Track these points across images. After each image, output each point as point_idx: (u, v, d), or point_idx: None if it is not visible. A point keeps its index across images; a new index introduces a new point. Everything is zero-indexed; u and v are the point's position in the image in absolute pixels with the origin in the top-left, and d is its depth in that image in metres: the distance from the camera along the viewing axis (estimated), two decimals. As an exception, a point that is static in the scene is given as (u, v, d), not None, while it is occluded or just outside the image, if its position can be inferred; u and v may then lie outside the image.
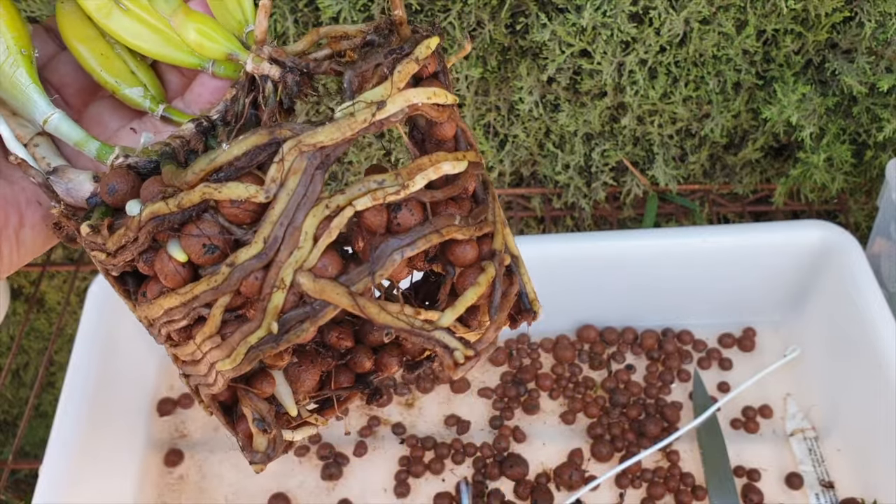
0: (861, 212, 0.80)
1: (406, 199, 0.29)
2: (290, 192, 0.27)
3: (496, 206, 0.32)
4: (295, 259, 0.27)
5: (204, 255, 0.28)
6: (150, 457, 0.68)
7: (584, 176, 0.79)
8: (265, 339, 0.28)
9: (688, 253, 0.68)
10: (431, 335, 0.29)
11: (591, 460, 0.67)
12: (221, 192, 0.27)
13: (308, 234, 0.27)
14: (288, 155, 0.28)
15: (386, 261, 0.28)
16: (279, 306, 0.27)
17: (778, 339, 0.74)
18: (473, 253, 0.31)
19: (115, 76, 0.34)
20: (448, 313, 0.29)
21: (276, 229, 0.27)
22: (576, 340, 0.74)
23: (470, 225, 0.30)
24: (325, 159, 0.28)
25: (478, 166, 0.32)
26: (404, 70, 0.29)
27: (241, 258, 0.27)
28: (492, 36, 0.67)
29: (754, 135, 0.75)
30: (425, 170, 0.29)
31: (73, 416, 0.61)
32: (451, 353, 0.29)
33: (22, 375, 0.96)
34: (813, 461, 0.66)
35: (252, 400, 0.30)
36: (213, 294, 0.28)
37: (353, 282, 0.28)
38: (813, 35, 0.66)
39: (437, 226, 0.29)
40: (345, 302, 0.27)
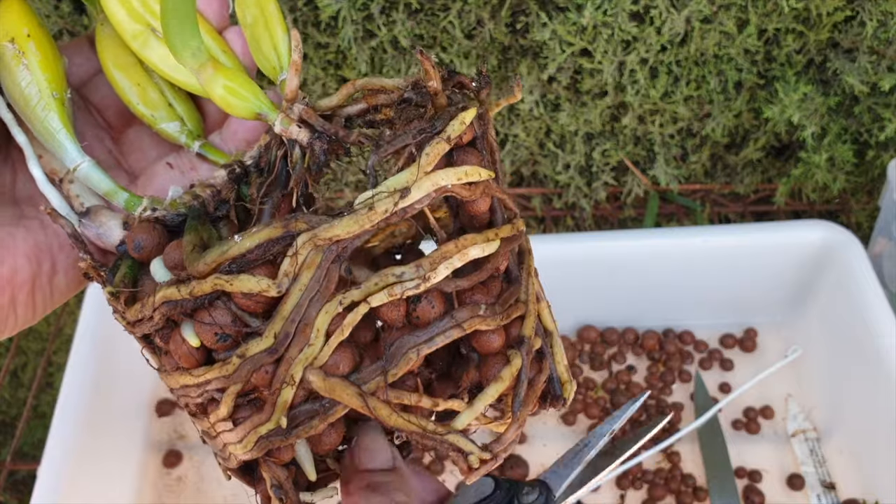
0: (862, 212, 0.80)
1: (426, 292, 0.27)
2: (303, 287, 0.26)
3: (531, 282, 0.30)
4: (305, 356, 0.26)
5: (216, 342, 0.27)
6: (148, 458, 0.68)
7: (584, 176, 0.79)
8: (274, 432, 0.27)
9: (689, 253, 0.68)
10: (445, 439, 0.28)
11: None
12: (233, 285, 0.27)
13: (320, 330, 0.26)
14: (302, 249, 0.27)
15: (400, 359, 0.27)
16: (288, 401, 0.27)
17: (779, 339, 0.73)
18: (499, 342, 0.29)
19: (152, 109, 0.33)
20: (465, 415, 0.28)
21: (286, 325, 0.26)
22: (576, 341, 0.73)
23: (497, 314, 0.28)
24: (342, 252, 0.27)
25: (513, 240, 0.29)
26: (433, 152, 0.27)
27: (251, 351, 0.27)
28: (492, 35, 0.67)
29: (756, 134, 0.75)
30: (450, 258, 0.27)
31: (72, 416, 0.60)
32: (466, 457, 0.28)
33: (20, 376, 0.96)
34: (814, 462, 0.66)
35: (270, 467, 0.29)
36: (224, 382, 0.27)
37: (365, 381, 0.27)
38: (814, 34, 0.66)
39: (459, 319, 0.28)
40: (355, 402, 0.26)
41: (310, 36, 0.68)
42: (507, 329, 0.29)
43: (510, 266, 0.30)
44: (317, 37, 0.68)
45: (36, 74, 0.30)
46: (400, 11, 0.65)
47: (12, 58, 0.30)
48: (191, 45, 0.29)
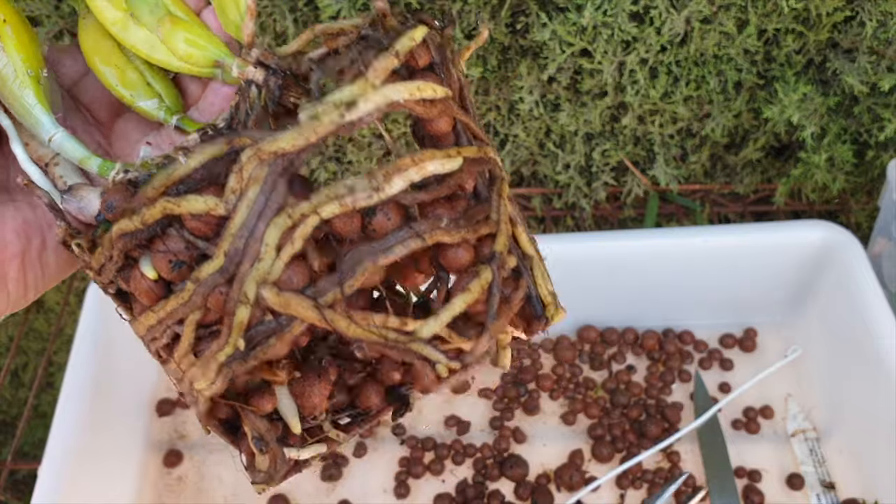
0: (862, 212, 0.80)
1: (382, 203, 0.26)
2: (250, 202, 0.26)
3: (503, 204, 0.29)
4: (257, 272, 0.26)
5: (172, 271, 0.27)
6: (149, 457, 0.68)
7: (584, 176, 0.79)
8: (234, 356, 0.26)
9: (689, 253, 0.68)
10: (408, 347, 0.26)
11: (592, 461, 0.67)
12: (180, 206, 0.27)
13: (270, 245, 0.26)
14: (247, 164, 0.26)
15: (356, 269, 0.26)
16: (244, 322, 0.26)
17: (779, 339, 0.74)
18: (467, 257, 0.28)
19: (130, 89, 0.34)
20: (430, 323, 0.27)
21: (236, 242, 0.26)
22: (576, 341, 0.74)
23: (461, 227, 0.27)
24: (288, 166, 0.26)
25: (480, 162, 0.29)
26: (380, 66, 0.27)
27: (204, 273, 0.26)
28: (492, 35, 0.67)
29: (755, 134, 0.75)
30: (405, 171, 0.27)
31: (72, 416, 0.60)
32: (433, 366, 0.27)
33: (21, 376, 0.96)
34: (814, 462, 0.66)
35: (250, 417, 0.29)
36: (183, 311, 0.27)
37: (321, 294, 0.26)
38: (814, 34, 0.66)
39: (419, 230, 0.27)
40: (311, 315, 0.26)
41: (310, 36, 0.68)
42: (477, 249, 0.28)
43: (478, 187, 0.29)
44: (317, 37, 0.68)
45: (12, 55, 0.32)
46: (400, 12, 0.65)
47: None
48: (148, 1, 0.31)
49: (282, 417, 0.30)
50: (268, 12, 0.66)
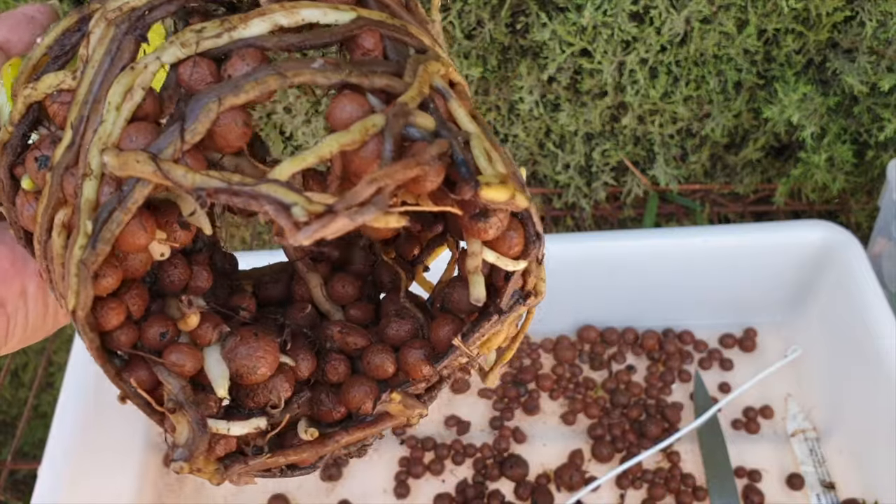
0: (862, 212, 0.80)
1: (237, 47, 0.22)
2: (95, 65, 0.23)
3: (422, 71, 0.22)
4: (99, 136, 0.22)
5: (39, 170, 0.24)
6: (149, 457, 0.68)
7: (584, 176, 0.79)
8: (88, 247, 0.22)
9: (688, 253, 0.68)
10: (257, 190, 0.20)
11: (592, 461, 0.67)
12: (37, 89, 0.24)
13: (112, 103, 0.22)
14: (94, 28, 0.23)
15: (199, 112, 0.21)
16: (92, 199, 0.22)
17: (779, 339, 0.74)
18: (354, 108, 0.21)
19: None
20: (284, 165, 0.20)
21: (83, 110, 0.22)
22: (576, 341, 0.74)
23: (342, 68, 0.21)
24: (137, 23, 0.23)
25: (388, 27, 0.23)
26: None
27: (57, 156, 0.23)
28: (492, 35, 0.67)
29: (755, 134, 0.75)
30: (269, 14, 0.22)
31: (72, 416, 0.60)
32: (287, 209, 0.19)
33: (21, 376, 0.96)
34: (814, 462, 0.66)
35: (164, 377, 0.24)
36: (50, 214, 0.23)
37: (162, 148, 0.21)
38: (814, 34, 0.66)
39: (281, 67, 0.21)
40: (146, 170, 0.21)
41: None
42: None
43: (388, 51, 0.23)
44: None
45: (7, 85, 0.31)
46: (400, 12, 0.65)
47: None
48: None
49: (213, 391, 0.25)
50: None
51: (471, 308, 0.26)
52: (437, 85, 0.23)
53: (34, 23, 0.30)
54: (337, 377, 0.26)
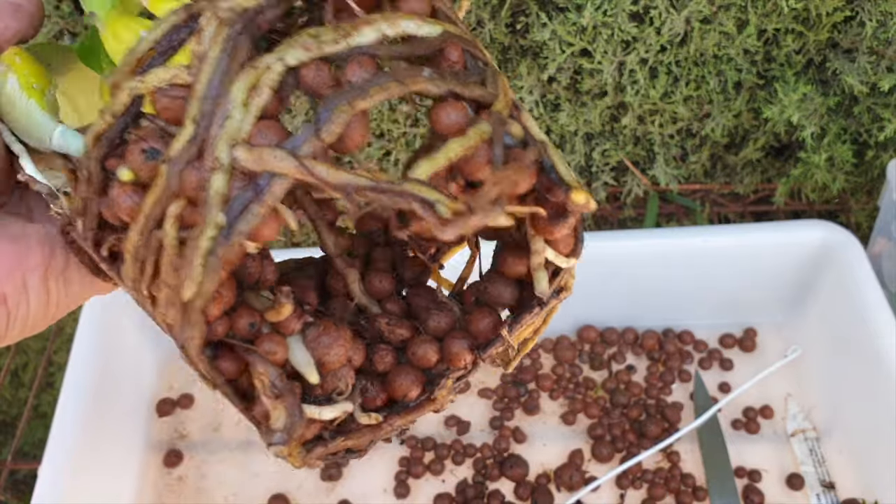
0: (862, 212, 0.80)
1: (353, 54, 0.24)
2: (213, 62, 0.24)
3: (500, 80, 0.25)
4: (227, 132, 0.23)
5: (145, 162, 0.24)
6: (149, 457, 0.68)
7: (584, 176, 0.79)
8: (218, 239, 0.23)
9: (689, 253, 0.68)
10: (403, 188, 0.22)
11: (592, 461, 0.67)
12: (145, 82, 0.24)
13: (237, 100, 0.23)
14: (207, 25, 0.24)
15: (332, 114, 0.23)
16: (222, 192, 0.23)
17: (779, 339, 0.74)
18: (461, 116, 0.24)
19: None
20: (423, 164, 0.23)
21: (203, 105, 0.23)
22: (576, 341, 0.74)
23: (446, 79, 0.24)
24: (249, 23, 0.24)
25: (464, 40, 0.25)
26: None
27: (175, 149, 0.24)
28: (492, 35, 0.67)
29: (755, 134, 0.75)
30: (375, 23, 0.24)
31: (72, 416, 0.60)
32: (432, 206, 0.22)
33: (21, 376, 0.96)
34: (814, 462, 0.66)
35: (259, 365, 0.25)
36: (162, 205, 0.24)
37: (298, 146, 0.23)
38: (814, 34, 0.66)
39: (398, 75, 0.23)
40: (288, 166, 0.22)
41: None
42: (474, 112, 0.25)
43: (468, 62, 0.25)
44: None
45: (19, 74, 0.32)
46: (400, 12, 0.65)
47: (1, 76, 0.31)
48: None
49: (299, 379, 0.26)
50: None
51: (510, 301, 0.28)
52: (514, 99, 0.25)
53: (21, 10, 0.30)
54: (384, 367, 0.28)
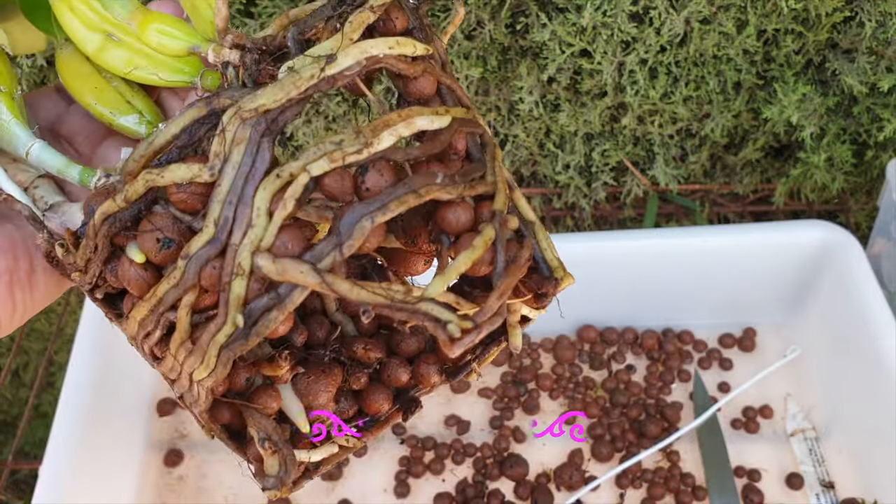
0: (861, 212, 0.80)
1: (373, 160, 0.25)
2: (236, 165, 0.25)
3: (497, 166, 0.27)
4: (250, 240, 0.24)
5: (160, 251, 0.26)
6: (149, 457, 0.68)
7: (584, 176, 0.79)
8: (234, 336, 0.25)
9: (688, 253, 0.68)
10: (417, 308, 0.24)
11: (592, 461, 0.67)
12: (164, 177, 0.25)
13: (261, 209, 0.24)
14: (229, 125, 0.25)
15: (354, 229, 0.24)
16: (241, 296, 0.24)
17: (778, 339, 0.74)
18: (467, 216, 0.26)
19: (110, 107, 0.34)
20: (437, 282, 0.25)
21: (225, 209, 0.24)
22: (576, 341, 0.74)
23: (457, 183, 0.26)
24: (272, 125, 0.25)
25: (470, 123, 0.27)
26: (357, 20, 0.26)
27: (194, 247, 0.25)
28: (492, 36, 0.67)
29: (755, 135, 0.75)
30: (393, 125, 0.25)
31: (73, 416, 0.60)
32: (444, 326, 0.24)
33: (22, 375, 0.96)
34: (813, 461, 0.66)
35: (255, 418, 0.27)
36: (176, 293, 0.25)
37: (319, 258, 0.24)
38: (813, 35, 0.66)
39: (414, 185, 0.25)
40: (311, 281, 0.24)
41: (310, 36, 0.68)
42: (476, 210, 0.27)
43: (471, 149, 0.28)
44: (317, 37, 0.68)
45: None
46: (400, 12, 0.65)
47: None
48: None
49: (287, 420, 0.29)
50: (269, 13, 0.66)
51: None
52: (508, 179, 0.28)
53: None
54: (359, 386, 0.30)
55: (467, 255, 0.25)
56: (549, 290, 0.28)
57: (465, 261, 0.25)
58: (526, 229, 0.28)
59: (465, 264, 0.25)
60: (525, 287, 0.28)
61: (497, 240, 0.26)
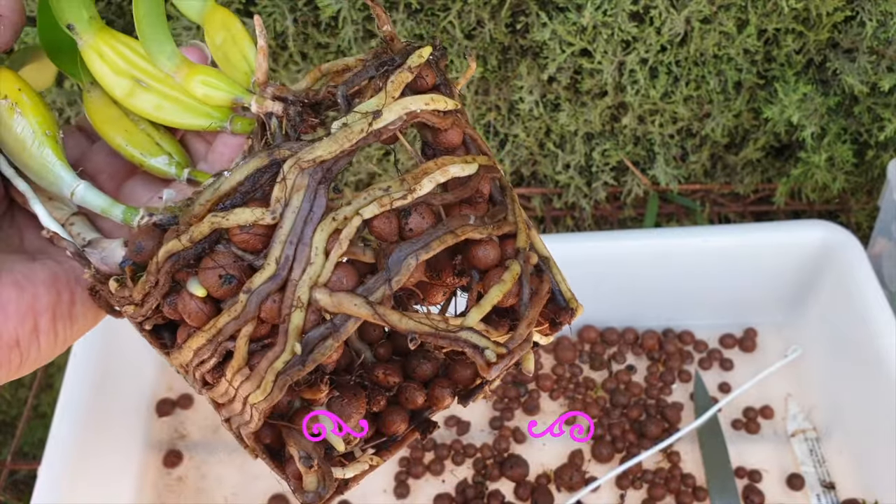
0: (862, 212, 0.80)
1: (415, 204, 0.29)
2: (296, 209, 0.28)
3: (516, 208, 0.31)
4: (309, 276, 0.27)
5: (222, 286, 0.28)
6: (148, 457, 0.68)
7: (584, 176, 0.79)
8: (291, 363, 0.27)
9: (689, 253, 0.68)
10: (458, 336, 0.28)
11: (592, 461, 0.67)
12: (229, 220, 0.28)
13: (318, 248, 0.27)
14: (289, 174, 0.28)
15: (401, 266, 0.28)
16: (300, 326, 0.27)
17: (779, 339, 0.74)
18: (495, 253, 0.30)
19: (140, 149, 0.36)
20: (474, 312, 0.29)
21: (286, 249, 0.28)
22: (576, 341, 0.73)
23: (487, 224, 0.30)
24: (327, 173, 0.28)
25: (492, 169, 0.31)
26: (397, 79, 0.30)
27: (256, 283, 0.27)
28: (492, 35, 0.67)
29: (755, 134, 0.75)
30: (432, 173, 0.29)
31: (72, 416, 0.60)
32: (482, 352, 0.28)
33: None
34: (814, 462, 0.66)
35: (296, 438, 0.30)
36: (236, 325, 0.28)
37: (371, 291, 0.27)
38: (814, 34, 0.66)
39: (451, 226, 0.29)
40: (364, 313, 0.27)
41: (310, 36, 0.68)
42: (501, 245, 0.30)
43: (493, 193, 0.31)
44: (317, 37, 0.68)
45: (29, 118, 0.33)
46: (400, 11, 0.65)
47: (7, 111, 0.33)
48: (165, 49, 0.33)
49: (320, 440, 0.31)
50: (268, 12, 0.66)
51: None
52: (526, 219, 0.31)
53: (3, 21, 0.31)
54: (378, 408, 0.33)
55: (499, 288, 0.29)
56: (565, 319, 0.31)
57: (497, 293, 0.29)
58: (543, 264, 0.31)
59: (498, 296, 0.29)
60: (542, 316, 0.32)
61: (522, 274, 0.30)
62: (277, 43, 0.68)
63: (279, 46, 0.68)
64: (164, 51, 0.33)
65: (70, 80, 0.72)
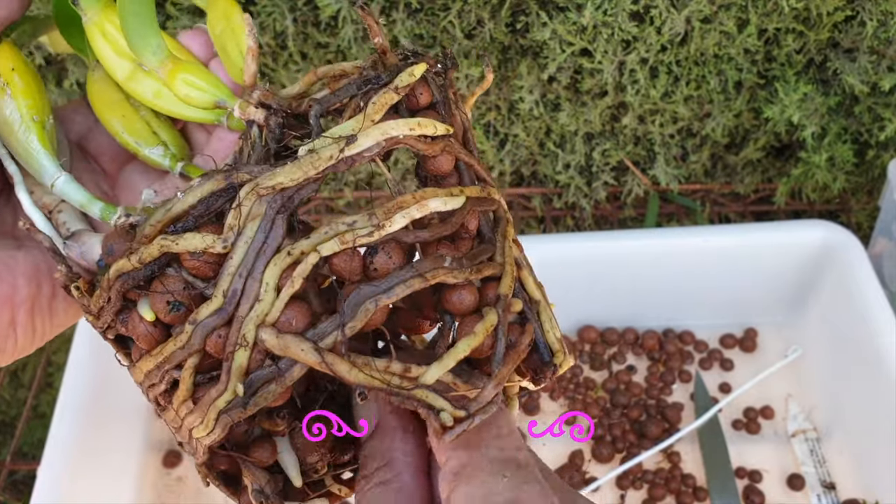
0: (863, 212, 0.80)
1: (383, 242, 0.26)
2: (248, 240, 0.25)
3: (507, 245, 0.28)
4: (256, 313, 0.25)
5: (170, 312, 0.26)
6: (148, 458, 0.68)
7: (584, 175, 0.79)
8: (233, 403, 0.26)
9: (689, 253, 0.68)
10: (411, 394, 0.25)
11: (592, 461, 0.67)
12: (178, 244, 0.26)
13: (269, 284, 0.25)
14: (245, 200, 0.26)
15: (358, 311, 0.25)
16: (243, 366, 0.25)
17: (779, 339, 0.73)
18: (471, 299, 0.27)
19: (136, 137, 0.34)
20: (433, 368, 0.25)
21: (235, 282, 0.25)
22: (577, 341, 0.73)
23: (465, 267, 0.26)
24: (287, 202, 0.26)
25: (483, 202, 0.28)
26: (380, 101, 0.27)
27: (202, 315, 0.26)
28: (492, 35, 0.67)
29: (756, 134, 0.75)
30: (407, 208, 0.26)
31: (72, 416, 0.60)
32: (437, 414, 0.25)
33: (20, 376, 0.96)
34: (815, 462, 0.66)
35: (250, 469, 0.28)
36: (182, 354, 0.26)
37: (322, 336, 0.25)
38: (815, 34, 0.66)
39: (421, 269, 0.25)
40: (311, 360, 0.24)
41: (310, 36, 0.68)
42: (482, 291, 0.27)
43: (482, 228, 0.28)
44: (317, 37, 0.68)
45: (18, 101, 0.32)
46: (400, 11, 0.65)
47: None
48: (151, 42, 0.31)
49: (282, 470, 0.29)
50: (267, 12, 0.66)
51: None
52: (517, 257, 0.28)
53: None
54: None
55: (467, 342, 0.26)
56: (546, 375, 0.28)
57: (465, 348, 0.26)
58: (530, 311, 0.28)
59: (465, 351, 0.26)
60: (525, 367, 0.28)
61: (499, 325, 0.26)
62: (277, 42, 0.68)
63: (279, 46, 0.68)
64: (149, 44, 0.31)
65: (70, 80, 0.72)
